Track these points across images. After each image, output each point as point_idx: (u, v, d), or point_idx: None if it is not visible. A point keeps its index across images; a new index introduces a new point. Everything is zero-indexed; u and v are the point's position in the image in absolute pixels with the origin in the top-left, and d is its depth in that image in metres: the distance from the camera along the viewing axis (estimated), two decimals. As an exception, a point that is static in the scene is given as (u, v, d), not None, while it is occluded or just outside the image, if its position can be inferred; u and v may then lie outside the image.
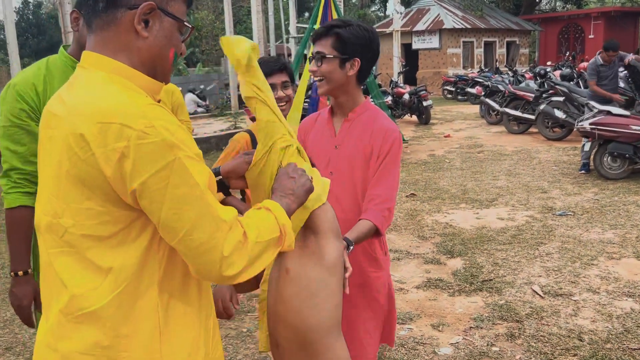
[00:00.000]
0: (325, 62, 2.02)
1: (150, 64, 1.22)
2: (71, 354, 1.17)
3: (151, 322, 1.18)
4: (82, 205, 1.13)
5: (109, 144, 1.08)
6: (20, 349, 3.51)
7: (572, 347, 3.22)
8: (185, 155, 1.11)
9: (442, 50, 24.96)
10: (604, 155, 7.21)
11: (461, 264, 4.61)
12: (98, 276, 1.16)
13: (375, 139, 2.06)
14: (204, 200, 1.13)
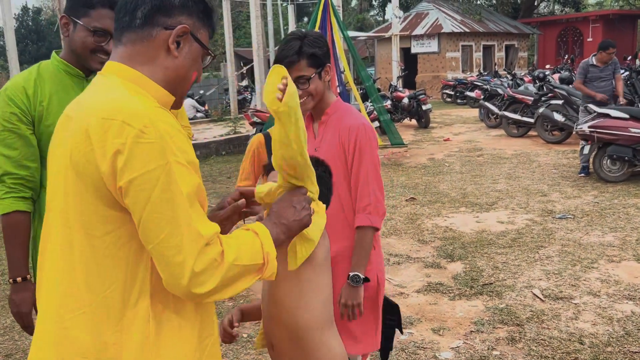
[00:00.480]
0: (310, 82, 2.05)
1: (174, 83, 1.28)
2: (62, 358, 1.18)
3: (142, 332, 1.17)
4: (77, 201, 1.16)
5: (108, 139, 1.11)
6: (20, 356, 3.50)
7: (573, 350, 3.22)
8: (177, 161, 1.12)
9: (441, 54, 25.00)
10: (603, 158, 7.21)
11: (461, 268, 4.60)
12: (87, 277, 1.17)
13: (343, 138, 2.12)
14: (185, 210, 1.12)
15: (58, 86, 2.01)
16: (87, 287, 1.17)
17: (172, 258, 1.11)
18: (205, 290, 1.14)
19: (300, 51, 2.02)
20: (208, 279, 1.13)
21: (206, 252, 1.13)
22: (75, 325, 1.17)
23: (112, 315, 1.16)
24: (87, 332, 1.16)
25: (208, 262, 1.13)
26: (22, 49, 14.86)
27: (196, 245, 1.12)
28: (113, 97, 1.17)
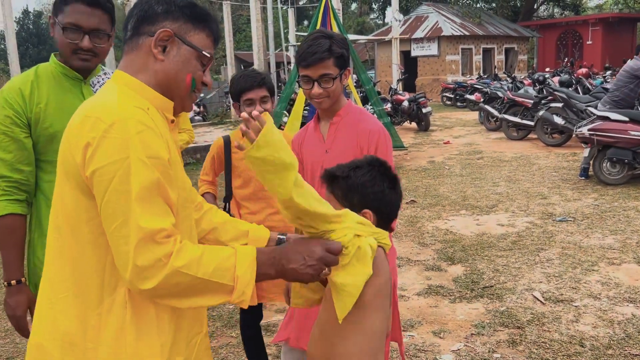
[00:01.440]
0: (331, 82, 2.06)
1: (166, 85, 1.33)
2: (44, 340, 1.27)
3: (119, 318, 1.23)
4: (63, 190, 1.25)
5: (83, 133, 1.20)
6: (20, 358, 3.51)
7: (573, 353, 3.22)
8: (137, 156, 1.17)
9: (441, 57, 25.04)
10: (603, 160, 7.22)
11: (462, 271, 4.60)
12: (72, 263, 1.25)
13: (362, 141, 2.12)
14: (138, 204, 1.16)
15: (56, 88, 2.00)
16: (71, 272, 1.25)
17: (120, 247, 1.17)
18: (146, 286, 1.16)
19: (330, 49, 2.03)
20: (150, 276, 1.16)
21: (151, 249, 1.16)
22: (62, 307, 1.25)
23: (93, 299, 1.23)
24: (72, 314, 1.24)
25: (152, 260, 1.16)
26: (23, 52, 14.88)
27: (138, 238, 1.15)
28: (100, 99, 1.26)
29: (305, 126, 2.32)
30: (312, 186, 2.19)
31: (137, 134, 1.18)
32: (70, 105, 1.97)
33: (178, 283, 1.18)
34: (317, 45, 2.01)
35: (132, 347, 1.23)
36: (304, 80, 2.08)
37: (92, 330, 1.23)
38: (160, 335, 1.26)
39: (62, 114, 1.95)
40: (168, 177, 1.23)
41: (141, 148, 1.18)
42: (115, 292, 1.23)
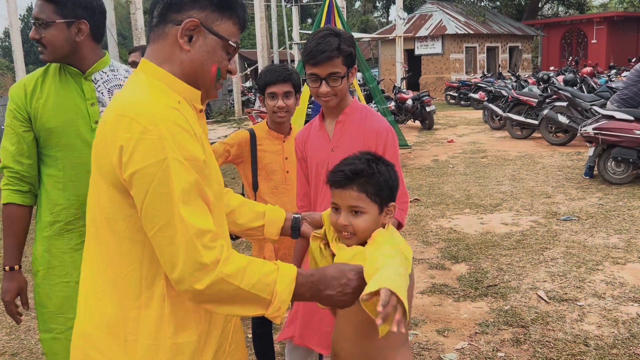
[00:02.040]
0: (339, 81, 2.05)
1: (192, 76, 1.33)
2: (90, 329, 1.30)
3: (157, 310, 1.26)
4: (99, 187, 1.27)
5: (118, 133, 1.19)
6: (26, 355, 3.52)
7: (578, 352, 3.22)
8: (175, 158, 1.18)
9: (445, 56, 25.00)
10: (607, 160, 7.20)
11: (466, 269, 4.60)
12: (111, 258, 1.27)
13: (369, 139, 2.12)
14: (180, 205, 1.18)
15: (58, 85, 2.03)
16: (110, 266, 1.27)
17: (165, 247, 1.19)
18: (192, 288, 1.19)
19: (339, 48, 2.01)
20: (198, 278, 1.18)
21: (200, 252, 1.18)
22: (104, 299, 1.28)
23: (132, 293, 1.26)
24: (113, 306, 1.27)
25: (199, 264, 1.18)
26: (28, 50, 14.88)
27: (186, 238, 1.18)
28: (132, 96, 1.25)
29: (309, 123, 2.31)
30: (317, 183, 2.20)
31: (173, 136, 1.19)
32: (69, 101, 2.01)
33: (221, 290, 1.21)
34: (326, 44, 2.00)
35: (172, 339, 1.26)
36: (311, 78, 2.06)
37: (132, 322, 1.26)
38: (198, 326, 1.30)
39: (60, 109, 2.00)
40: (205, 177, 1.25)
41: (178, 150, 1.19)
42: (153, 285, 1.26)
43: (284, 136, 2.70)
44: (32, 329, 3.87)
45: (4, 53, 39.19)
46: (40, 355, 3.50)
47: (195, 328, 1.30)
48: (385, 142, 2.11)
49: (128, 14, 16.49)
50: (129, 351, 1.26)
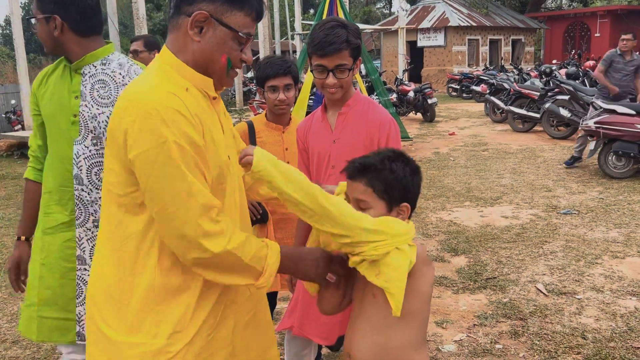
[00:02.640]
0: (346, 73, 2.05)
1: (203, 65, 1.41)
2: (95, 292, 1.44)
3: (149, 279, 1.36)
4: (109, 165, 1.38)
5: (124, 117, 1.30)
6: (27, 342, 3.54)
7: (575, 345, 3.23)
8: (175, 140, 1.27)
9: (447, 48, 24.91)
10: (608, 154, 7.19)
11: (465, 262, 4.61)
12: (114, 228, 1.39)
13: (372, 131, 2.11)
14: (181, 183, 1.28)
15: (58, 76, 2.10)
16: (115, 237, 1.40)
17: (172, 222, 1.29)
18: (202, 255, 1.30)
19: (348, 40, 2.00)
20: (203, 249, 1.29)
21: (207, 225, 1.29)
22: (106, 265, 1.42)
23: (129, 262, 1.37)
24: (112, 272, 1.40)
25: (207, 235, 1.29)
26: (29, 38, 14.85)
27: (196, 211, 1.28)
28: (140, 84, 1.36)
29: (311, 115, 2.30)
30: (319, 174, 2.20)
31: (172, 121, 1.28)
32: (58, 92, 2.06)
33: (224, 260, 1.33)
34: (335, 35, 1.98)
35: (159, 307, 1.36)
36: (318, 69, 2.05)
37: (127, 288, 1.37)
38: (185, 299, 1.38)
39: (51, 100, 2.07)
40: (203, 160, 1.34)
41: (177, 132, 1.28)
42: (148, 256, 1.36)
43: (283, 127, 2.70)
44: (33, 316, 3.89)
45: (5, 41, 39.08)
46: (41, 343, 3.52)
47: (182, 300, 1.37)
48: (388, 134, 2.11)
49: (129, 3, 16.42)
50: (121, 314, 1.38)
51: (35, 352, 3.41)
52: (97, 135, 1.98)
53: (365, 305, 1.56)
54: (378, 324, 1.54)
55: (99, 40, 2.07)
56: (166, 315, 1.36)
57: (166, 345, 1.35)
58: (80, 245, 2.02)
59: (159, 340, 1.35)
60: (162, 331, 1.36)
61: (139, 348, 1.35)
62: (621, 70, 7.50)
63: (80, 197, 2.00)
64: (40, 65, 25.75)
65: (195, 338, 1.38)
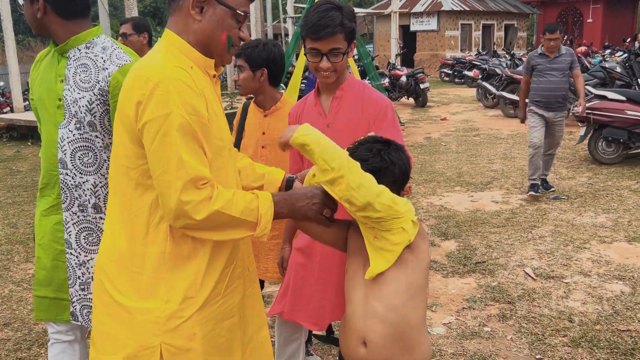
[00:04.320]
0: (340, 57, 2.02)
1: (205, 44, 1.48)
2: (105, 260, 1.51)
3: (160, 248, 1.44)
4: (119, 138, 1.45)
5: (136, 90, 1.37)
6: (18, 325, 3.55)
7: (562, 328, 3.28)
8: (178, 113, 1.35)
9: (440, 33, 24.83)
10: (598, 140, 7.24)
11: (455, 246, 4.65)
12: (125, 200, 1.46)
13: (368, 112, 2.09)
14: (179, 153, 1.35)
15: (48, 60, 2.07)
16: (124, 206, 1.47)
17: (165, 189, 1.36)
18: (188, 222, 1.37)
19: (342, 23, 1.97)
20: (193, 213, 1.36)
21: (195, 192, 1.36)
22: (118, 235, 1.49)
23: (140, 232, 1.45)
24: (124, 242, 1.47)
25: (195, 200, 1.36)
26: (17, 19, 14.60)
27: (182, 182, 1.35)
28: (148, 60, 1.43)
29: (304, 98, 2.28)
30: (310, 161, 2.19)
31: (179, 92, 1.36)
32: (47, 76, 2.04)
33: (215, 220, 1.39)
34: (329, 18, 1.95)
35: (169, 274, 1.44)
36: (312, 53, 2.03)
37: (139, 257, 1.44)
38: (194, 265, 1.45)
39: (40, 84, 2.06)
40: (205, 132, 1.41)
41: (181, 105, 1.35)
42: (158, 226, 1.43)
43: (264, 111, 2.70)
44: (24, 299, 3.90)
45: (-7, 22, 38.44)
46: (33, 325, 3.53)
47: (192, 267, 1.45)
48: (385, 115, 2.08)
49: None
50: (134, 282, 1.45)
51: (26, 335, 3.41)
52: (80, 119, 1.95)
53: (375, 285, 1.58)
54: (391, 302, 1.55)
55: (85, 23, 2.02)
56: (177, 281, 1.43)
57: (178, 310, 1.43)
58: (67, 229, 2.02)
59: (171, 305, 1.43)
60: (174, 297, 1.43)
61: (153, 313, 1.42)
62: (548, 72, 5.91)
63: (65, 181, 1.99)
64: (30, 47, 25.37)
65: (205, 305, 1.46)
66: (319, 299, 2.17)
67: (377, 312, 1.56)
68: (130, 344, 1.43)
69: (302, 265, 2.22)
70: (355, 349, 1.60)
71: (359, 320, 1.59)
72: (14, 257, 4.72)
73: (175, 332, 1.42)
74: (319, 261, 2.17)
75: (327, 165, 1.46)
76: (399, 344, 1.56)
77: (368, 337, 1.57)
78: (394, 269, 1.55)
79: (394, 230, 1.51)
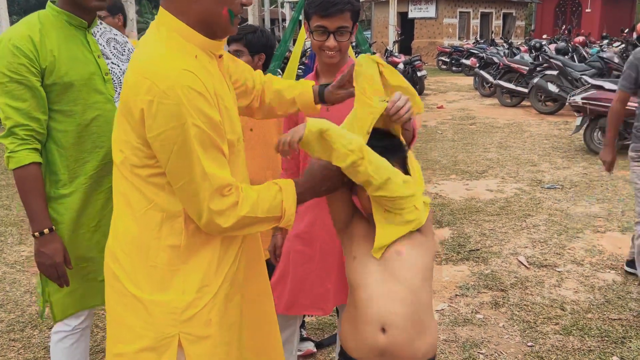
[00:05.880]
0: (347, 36, 2.00)
1: (207, 23, 1.41)
2: (117, 251, 1.48)
3: (175, 241, 1.42)
4: (124, 137, 1.39)
5: (140, 94, 1.31)
6: (11, 306, 3.54)
7: (554, 316, 3.31)
8: (193, 123, 1.31)
9: (438, 20, 24.71)
10: (594, 130, 7.25)
11: (449, 234, 4.67)
12: (133, 196, 1.43)
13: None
14: (200, 163, 1.34)
15: (63, 36, 1.95)
16: (134, 202, 1.43)
17: (191, 199, 1.36)
18: (220, 229, 1.39)
19: (350, 1, 1.96)
20: (223, 220, 1.38)
21: (221, 200, 1.36)
22: (129, 227, 1.46)
23: (153, 226, 1.42)
24: (137, 235, 1.44)
25: (223, 208, 1.37)
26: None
27: (209, 192, 1.35)
28: (150, 56, 1.35)
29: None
30: None
31: (189, 101, 1.30)
32: (80, 55, 1.96)
33: (243, 223, 1.42)
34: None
35: (185, 265, 1.43)
36: (318, 31, 1.99)
37: (152, 251, 1.43)
38: (209, 254, 1.45)
39: (75, 62, 1.94)
40: (221, 136, 1.38)
41: (195, 113, 1.31)
42: (173, 220, 1.42)
43: None
44: (17, 281, 3.89)
45: (-13, 2, 38.03)
46: (26, 307, 3.53)
47: (206, 255, 1.45)
48: None
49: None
50: (149, 274, 1.44)
51: (19, 316, 3.41)
52: None
53: (392, 266, 1.56)
54: (411, 283, 1.55)
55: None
56: (192, 271, 1.44)
57: (195, 300, 1.43)
58: None
59: (187, 296, 1.43)
60: (190, 287, 1.43)
61: (170, 304, 1.42)
62: None
63: None
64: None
65: (218, 291, 1.47)
66: (322, 283, 2.15)
67: (398, 294, 1.53)
68: (147, 335, 1.43)
69: (301, 253, 2.17)
70: (374, 337, 1.53)
71: (377, 305, 1.54)
72: (7, 239, 4.71)
73: (192, 321, 1.43)
74: (320, 246, 2.14)
75: (347, 149, 1.45)
76: (416, 327, 1.54)
77: (388, 321, 1.52)
78: (411, 252, 1.57)
79: (407, 209, 1.53)
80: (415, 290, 1.55)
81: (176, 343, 1.43)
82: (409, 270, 1.56)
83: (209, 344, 1.46)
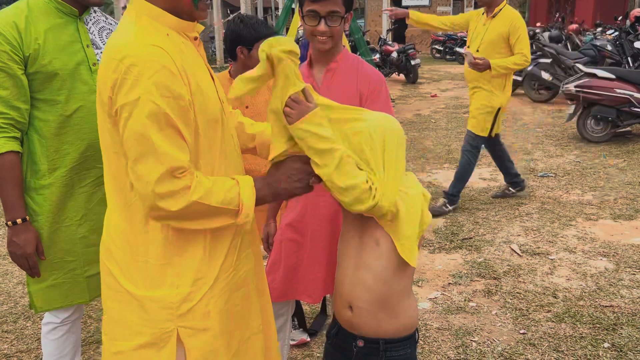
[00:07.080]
0: (338, 21, 1.99)
1: (172, 6, 1.39)
2: (111, 246, 1.47)
3: (163, 233, 1.39)
4: (103, 127, 1.38)
5: (108, 74, 1.29)
6: (4, 298, 3.53)
7: (546, 303, 3.32)
8: (149, 98, 1.26)
9: (432, 8, 24.61)
10: (587, 118, 7.26)
11: (442, 222, 4.68)
12: (119, 185, 1.41)
13: (362, 86, 2.07)
14: (146, 142, 1.28)
15: (51, 24, 1.92)
16: (119, 193, 1.41)
17: (140, 177, 1.30)
18: (167, 212, 1.32)
19: None
20: (172, 203, 1.31)
21: (171, 181, 1.30)
22: (120, 222, 1.44)
23: (140, 218, 1.40)
24: (126, 228, 1.42)
25: (171, 189, 1.30)
26: (0, -12, 14.18)
27: (159, 173, 1.29)
28: (122, 38, 1.33)
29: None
30: None
31: (151, 75, 1.26)
32: (68, 43, 1.93)
33: (195, 211, 1.35)
34: None
35: (176, 258, 1.41)
36: (309, 15, 1.99)
37: (142, 245, 1.41)
38: (199, 246, 1.43)
39: (61, 51, 1.91)
40: (187, 116, 1.33)
41: (154, 89, 1.26)
42: None
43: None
44: (9, 272, 3.87)
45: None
46: (19, 298, 3.52)
47: (197, 247, 1.42)
48: (379, 90, 2.07)
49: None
50: (141, 271, 1.42)
51: (12, 308, 3.40)
52: None
53: (366, 254, 1.60)
54: (381, 274, 1.58)
55: None
56: (185, 265, 1.41)
57: (190, 293, 1.41)
58: None
59: (182, 290, 1.41)
60: (184, 281, 1.41)
61: (164, 299, 1.40)
62: None
63: None
64: (14, 18, 24.83)
65: (216, 281, 1.45)
66: (313, 271, 2.18)
67: (366, 282, 1.60)
68: (145, 331, 1.42)
69: (293, 241, 2.19)
70: (343, 311, 1.66)
71: (347, 287, 1.64)
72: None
73: (190, 314, 1.42)
74: (310, 235, 2.16)
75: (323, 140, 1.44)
76: (385, 311, 1.61)
77: (354, 302, 1.62)
78: (390, 244, 1.57)
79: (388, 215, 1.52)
80: (387, 280, 1.59)
81: (175, 338, 1.42)
82: (384, 262, 1.58)
83: (209, 335, 1.45)
